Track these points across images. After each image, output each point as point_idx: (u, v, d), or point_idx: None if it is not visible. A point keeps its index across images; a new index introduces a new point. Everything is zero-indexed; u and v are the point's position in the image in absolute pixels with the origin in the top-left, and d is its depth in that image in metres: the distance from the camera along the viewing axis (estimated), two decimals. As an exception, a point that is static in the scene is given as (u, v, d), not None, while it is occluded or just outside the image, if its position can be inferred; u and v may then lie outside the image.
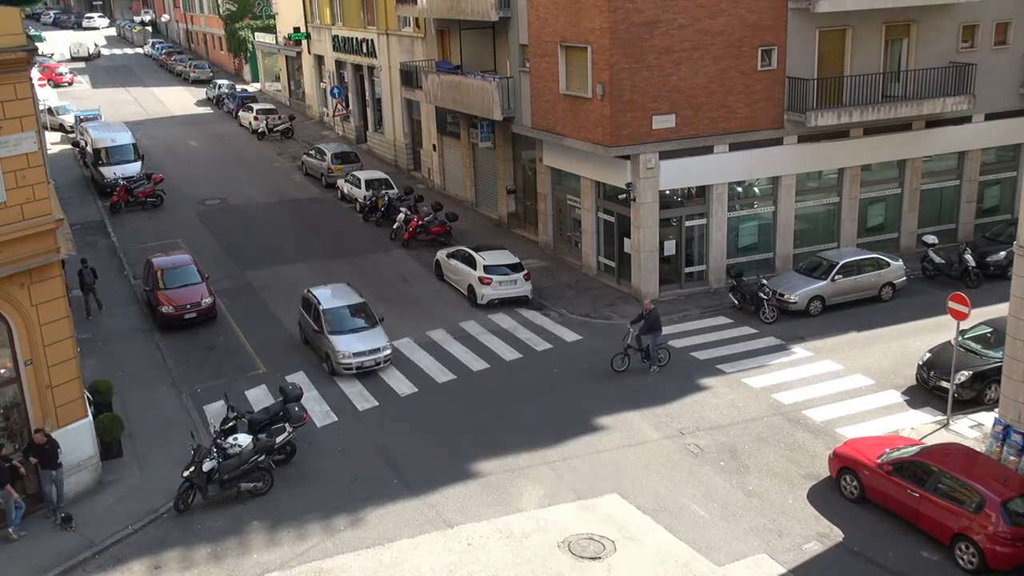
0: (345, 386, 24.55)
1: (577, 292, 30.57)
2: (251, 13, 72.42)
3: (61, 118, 56.01)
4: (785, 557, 17.45)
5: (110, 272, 33.26)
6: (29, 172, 18.13)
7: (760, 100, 29.58)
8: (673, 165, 28.94)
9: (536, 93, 32.01)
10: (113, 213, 39.83)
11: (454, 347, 26.72)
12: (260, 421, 21.29)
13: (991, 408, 21.97)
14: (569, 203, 33.21)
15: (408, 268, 33.31)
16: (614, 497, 19.37)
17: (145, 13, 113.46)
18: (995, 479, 17.43)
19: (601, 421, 22.43)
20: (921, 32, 31.10)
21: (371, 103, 51.57)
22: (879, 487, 18.55)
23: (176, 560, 17.86)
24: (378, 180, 40.22)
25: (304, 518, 19.02)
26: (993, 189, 34.63)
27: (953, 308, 21.56)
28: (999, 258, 30.15)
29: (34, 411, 18.95)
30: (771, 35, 29.18)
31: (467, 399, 23.82)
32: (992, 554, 16.63)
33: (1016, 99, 32.98)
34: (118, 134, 44.41)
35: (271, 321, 28.94)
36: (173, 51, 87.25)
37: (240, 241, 36.42)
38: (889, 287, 29.10)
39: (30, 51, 18.12)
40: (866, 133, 31.23)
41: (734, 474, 20.11)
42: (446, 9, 36.36)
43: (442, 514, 19.00)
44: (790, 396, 23.33)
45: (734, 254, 30.87)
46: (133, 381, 24.90)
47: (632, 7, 27.26)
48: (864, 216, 32.57)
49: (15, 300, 18.29)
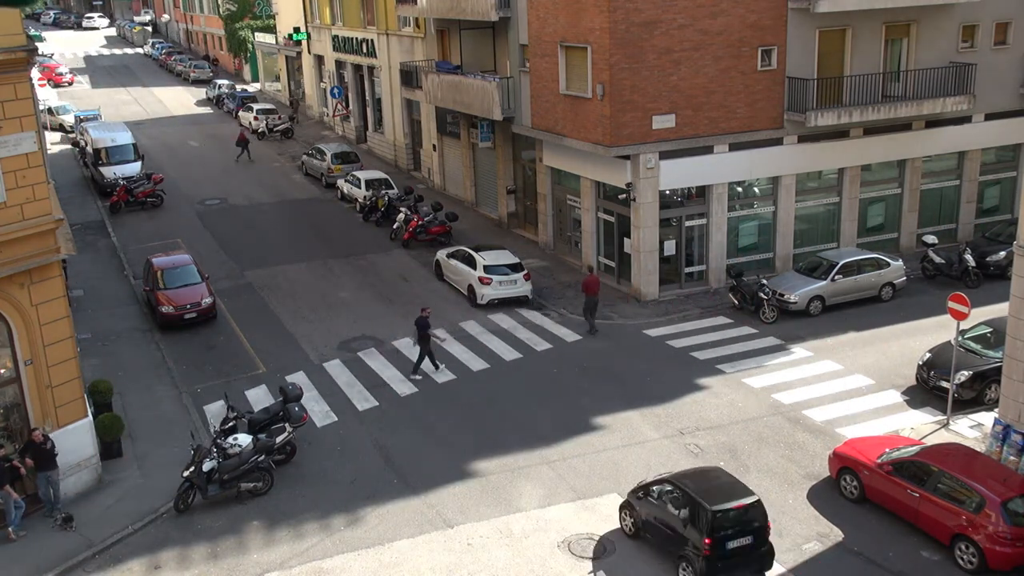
0: (345, 386, 24.55)
1: (577, 292, 30.53)
2: (251, 13, 72.42)
3: (61, 118, 56.00)
4: (785, 557, 17.45)
5: (110, 272, 33.29)
6: (29, 172, 18.14)
7: (760, 100, 29.58)
8: (673, 165, 28.94)
9: (536, 93, 32.01)
10: (113, 213, 39.83)
11: (454, 347, 26.72)
12: (260, 421, 21.29)
13: (991, 408, 21.98)
14: (569, 203, 33.21)
15: (408, 268, 33.31)
16: (614, 497, 19.37)
17: (145, 13, 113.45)
18: (995, 479, 17.42)
19: (601, 421, 22.43)
20: (921, 32, 31.10)
21: (371, 103, 51.58)
22: (879, 487, 18.55)
23: (176, 560, 17.87)
24: (378, 180, 40.23)
25: (304, 518, 19.02)
26: (993, 189, 34.63)
27: (953, 308, 21.55)
28: (999, 258, 30.15)
29: (34, 411, 18.94)
30: (771, 35, 29.19)
31: (467, 399, 23.82)
32: (992, 554, 16.63)
33: (1016, 99, 32.98)
34: (118, 134, 44.41)
35: (271, 321, 28.94)
36: (173, 51, 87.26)
37: (240, 241, 36.42)
38: (889, 287, 29.11)
39: (30, 51, 18.12)
40: (866, 133, 31.23)
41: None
42: (446, 9, 36.36)
43: (442, 514, 19.01)
44: (790, 396, 23.33)
45: (734, 254, 30.87)
46: (133, 381, 24.90)
47: (632, 7, 27.26)
48: (864, 216, 32.57)
49: (15, 300, 18.29)
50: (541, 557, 17.58)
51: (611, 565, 17.34)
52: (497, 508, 19.17)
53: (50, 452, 18.61)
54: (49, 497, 18.86)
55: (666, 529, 16.94)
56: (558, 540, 18.05)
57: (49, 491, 18.82)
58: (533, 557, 17.59)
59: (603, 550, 17.75)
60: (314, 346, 27.09)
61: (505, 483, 20.03)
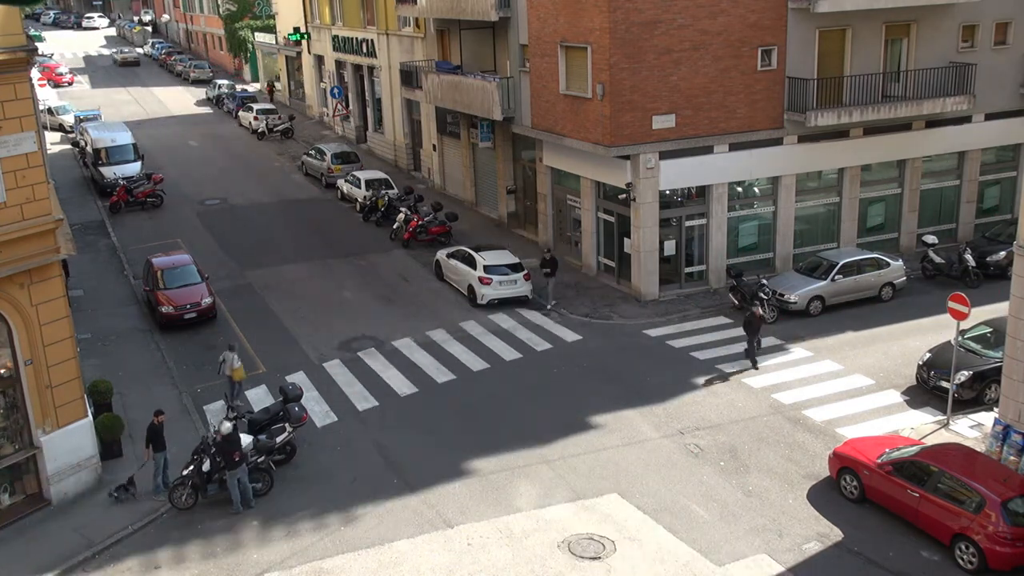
0: (345, 386, 24.55)
1: (577, 292, 30.57)
2: (251, 13, 72.43)
3: (61, 118, 55.99)
4: (785, 557, 17.45)
5: (110, 272, 33.28)
6: (29, 172, 18.13)
7: (760, 100, 29.58)
8: (673, 165, 28.94)
9: (536, 93, 32.01)
10: (113, 213, 39.83)
11: (454, 347, 26.72)
12: (260, 421, 21.27)
13: (991, 408, 21.98)
14: (569, 203, 33.21)
15: (408, 268, 33.30)
16: (614, 497, 19.37)
17: (145, 13, 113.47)
18: (995, 479, 17.43)
19: (601, 421, 22.43)
20: (921, 32, 31.10)
21: (371, 103, 51.57)
22: (879, 487, 18.55)
23: (175, 560, 17.86)
24: (378, 180, 40.23)
25: (303, 517, 19.02)
26: (993, 189, 34.63)
27: (953, 308, 21.55)
28: (999, 258, 30.15)
29: (34, 411, 18.94)
30: (771, 35, 29.18)
31: (467, 399, 23.81)
32: (992, 554, 16.63)
33: (1016, 99, 32.98)
34: (118, 134, 44.41)
35: (271, 321, 28.94)
36: (173, 51, 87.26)
37: (240, 241, 36.41)
38: (889, 287, 29.10)
39: (30, 51, 18.12)
40: (866, 133, 31.22)
41: (734, 474, 20.11)
42: (446, 9, 36.36)
43: (442, 514, 19.00)
44: (790, 396, 23.33)
45: (734, 254, 30.86)
46: (133, 381, 24.90)
47: (632, 7, 27.26)
48: (864, 216, 32.57)
49: (15, 300, 18.29)
50: (541, 557, 17.58)
51: (611, 565, 17.35)
52: (497, 508, 19.17)
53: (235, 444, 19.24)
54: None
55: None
56: (558, 540, 18.05)
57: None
58: (533, 557, 17.59)
59: (603, 549, 17.76)
60: (314, 346, 27.09)
61: (505, 483, 20.03)
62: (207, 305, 28.45)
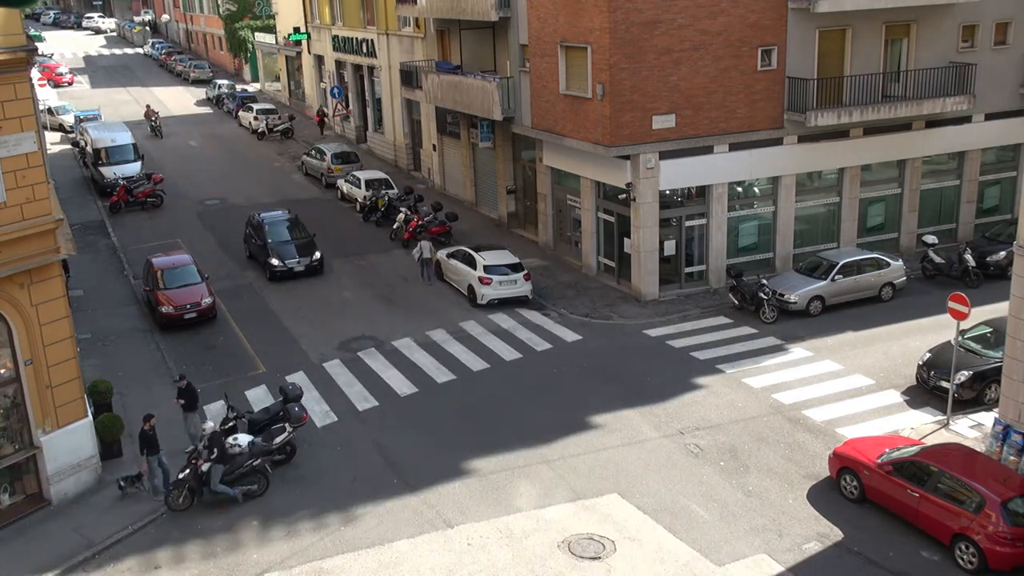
0: (345, 386, 24.55)
1: (577, 292, 30.57)
2: (251, 13, 72.42)
3: (61, 118, 56.00)
4: (785, 557, 17.45)
5: (110, 272, 33.28)
6: (29, 172, 18.13)
7: (760, 100, 29.58)
8: (673, 165, 28.94)
9: (536, 93, 32.01)
10: (113, 213, 39.83)
11: (454, 347, 26.72)
12: (260, 421, 21.28)
13: (991, 408, 21.98)
14: (569, 203, 33.21)
15: (408, 268, 33.29)
16: (614, 497, 19.37)
17: (145, 13, 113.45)
18: (995, 479, 17.43)
19: (601, 421, 22.42)
20: (921, 32, 31.10)
21: (371, 103, 51.57)
22: (879, 487, 18.55)
23: (175, 560, 17.86)
24: (378, 180, 40.23)
25: (303, 517, 19.02)
26: (993, 189, 34.63)
27: (953, 308, 21.54)
28: (999, 258, 30.14)
29: (34, 411, 18.94)
30: (771, 35, 29.18)
31: (467, 399, 23.81)
32: (992, 554, 16.63)
33: (1016, 99, 32.98)
34: (118, 134, 44.42)
35: (271, 321, 28.94)
36: (173, 51, 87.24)
37: (240, 241, 36.39)
38: (889, 287, 29.10)
39: (30, 51, 18.12)
40: (866, 133, 31.22)
41: (734, 474, 20.11)
42: (446, 9, 36.36)
43: (442, 514, 19.00)
44: (790, 396, 23.33)
45: (734, 254, 30.86)
46: (133, 381, 24.90)
47: (632, 7, 27.26)
48: (864, 216, 32.57)
49: (15, 300, 18.28)
50: (541, 557, 17.58)
51: (611, 565, 17.35)
52: (497, 508, 19.16)
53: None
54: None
55: None
56: (558, 540, 18.04)
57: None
58: (533, 557, 17.58)
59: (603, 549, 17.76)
60: (314, 346, 27.09)
61: (505, 483, 20.03)
62: (207, 305, 28.45)
